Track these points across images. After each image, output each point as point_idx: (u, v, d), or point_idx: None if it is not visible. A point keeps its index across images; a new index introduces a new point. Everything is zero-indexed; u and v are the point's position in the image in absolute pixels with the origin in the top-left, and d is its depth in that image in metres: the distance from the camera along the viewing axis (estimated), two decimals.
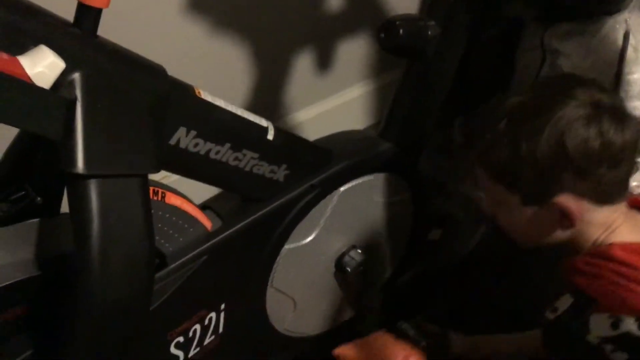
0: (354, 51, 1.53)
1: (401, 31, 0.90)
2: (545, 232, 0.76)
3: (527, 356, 0.89)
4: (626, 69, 1.29)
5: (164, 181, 0.87)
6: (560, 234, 0.75)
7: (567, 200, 0.71)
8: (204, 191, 0.91)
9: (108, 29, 0.67)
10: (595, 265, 0.72)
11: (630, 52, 1.29)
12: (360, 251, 1.00)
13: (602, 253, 0.72)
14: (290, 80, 1.47)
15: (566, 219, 0.72)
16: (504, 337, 0.95)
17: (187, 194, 0.85)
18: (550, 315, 0.74)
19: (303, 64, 1.47)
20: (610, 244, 0.73)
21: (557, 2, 1.32)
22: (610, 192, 0.73)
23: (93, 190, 0.63)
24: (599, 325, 0.69)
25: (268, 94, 1.46)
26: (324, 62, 1.51)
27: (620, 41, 1.29)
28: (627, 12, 1.28)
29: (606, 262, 0.71)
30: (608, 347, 0.68)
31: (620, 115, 0.72)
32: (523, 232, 0.78)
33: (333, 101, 1.59)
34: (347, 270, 0.99)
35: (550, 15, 1.34)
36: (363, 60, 1.59)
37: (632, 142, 0.72)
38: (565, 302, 0.73)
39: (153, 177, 0.81)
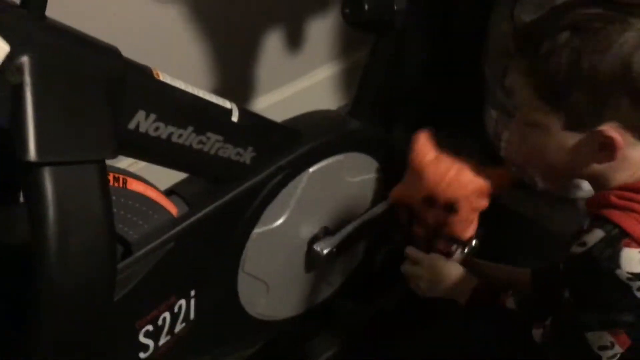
0: (322, 30, 1.51)
1: (366, 5, 0.88)
2: (578, 163, 0.72)
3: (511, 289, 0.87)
4: None
5: (131, 169, 0.85)
6: (593, 168, 0.71)
7: (613, 130, 0.68)
8: (171, 177, 0.89)
9: (57, 9, 0.65)
10: (630, 199, 0.70)
11: None
12: (332, 232, 0.99)
13: (638, 188, 0.70)
14: (257, 62, 1.44)
15: (607, 150, 0.69)
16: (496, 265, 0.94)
17: (153, 180, 0.83)
18: (578, 249, 0.70)
19: (269, 45, 1.44)
20: None
21: None
22: None
23: (47, 178, 0.61)
24: (629, 260, 0.67)
25: (233, 76, 1.43)
26: (291, 42, 1.48)
27: None
28: None
29: None
30: (636, 284, 0.67)
31: None
32: (552, 161, 0.73)
33: (302, 83, 1.57)
34: (320, 251, 0.98)
35: None
36: (332, 39, 1.56)
37: None
38: (595, 236, 0.69)
39: (117, 164, 0.79)
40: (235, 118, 0.82)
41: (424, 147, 0.90)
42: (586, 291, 0.71)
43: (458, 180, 0.89)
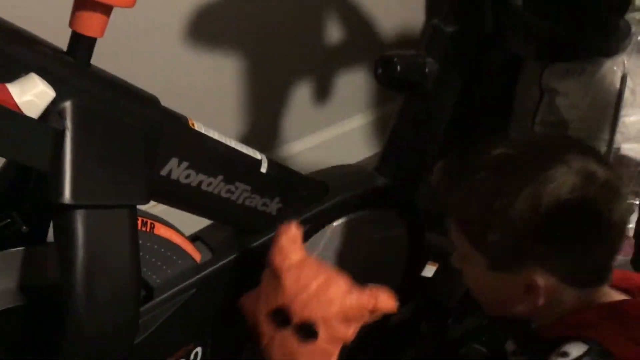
0: (353, 82, 1.54)
1: (399, 67, 0.89)
2: (508, 302, 0.70)
3: None
4: (623, 111, 1.30)
5: (152, 210, 0.86)
6: (524, 308, 0.69)
7: (535, 274, 0.65)
8: (196, 221, 0.90)
9: (102, 58, 0.67)
10: (608, 318, 0.66)
11: (627, 94, 1.29)
12: None
13: (614, 308, 0.67)
14: (287, 110, 1.47)
15: (531, 294, 0.66)
16: None
17: (178, 223, 0.84)
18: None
19: (301, 93, 1.47)
20: (622, 301, 0.67)
21: (555, 42, 1.33)
22: (585, 274, 0.67)
23: (79, 220, 0.62)
24: None
25: (264, 123, 1.46)
26: (322, 92, 1.51)
27: (617, 83, 1.29)
28: (624, 54, 1.29)
29: (620, 317, 0.66)
30: None
31: (613, 192, 0.66)
32: (486, 296, 0.73)
33: (330, 132, 1.59)
34: None
35: (548, 54, 1.35)
36: (362, 91, 1.59)
37: (619, 224, 0.66)
38: (577, 349, 0.64)
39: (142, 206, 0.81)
40: (264, 169, 0.83)
41: (288, 245, 0.72)
42: None
43: (323, 295, 0.70)
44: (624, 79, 1.29)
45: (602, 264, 0.69)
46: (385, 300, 0.74)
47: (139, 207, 0.70)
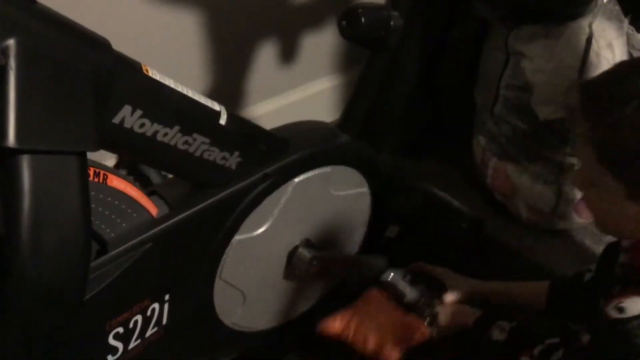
0: (321, 43, 1.51)
1: (363, 19, 0.87)
2: (633, 228, 0.69)
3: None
4: (588, 74, 1.30)
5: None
6: None
7: None
8: None
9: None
10: None
11: (592, 56, 1.29)
12: (314, 245, 0.98)
13: None
14: (253, 70, 1.44)
15: None
16: (508, 286, 0.88)
17: None
18: (613, 313, 0.66)
19: (266, 54, 1.44)
20: None
21: (521, 5, 1.32)
22: None
23: (25, 166, 0.59)
24: None
25: (228, 82, 1.42)
26: (288, 53, 1.48)
27: (582, 45, 1.29)
28: (590, 17, 1.29)
29: None
30: None
31: None
32: (611, 221, 0.72)
33: (296, 94, 1.56)
34: (299, 264, 0.97)
35: (515, 17, 1.34)
36: (330, 53, 1.57)
37: None
38: (635, 305, 0.66)
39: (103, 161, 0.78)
40: (223, 121, 0.81)
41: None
42: (605, 356, 0.68)
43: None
44: (589, 42, 1.29)
45: None
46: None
47: (95, 157, 0.67)
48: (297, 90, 1.56)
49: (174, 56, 1.26)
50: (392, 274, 0.88)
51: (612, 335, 0.67)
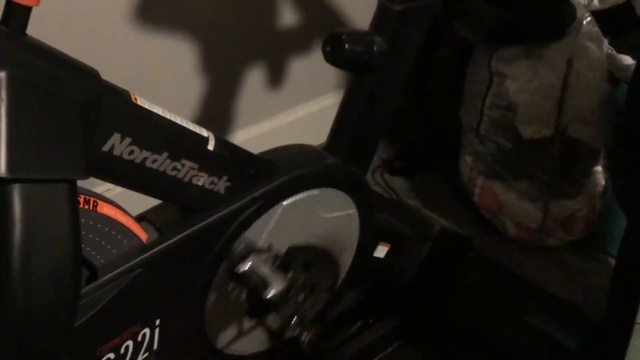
0: (308, 66, 1.53)
1: (346, 45, 0.89)
2: None
3: None
4: (569, 94, 1.33)
5: (107, 195, 0.84)
6: None
7: None
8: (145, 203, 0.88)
9: (40, 29, 0.65)
10: None
11: (572, 77, 1.32)
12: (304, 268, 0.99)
13: None
14: (241, 94, 1.46)
15: None
16: None
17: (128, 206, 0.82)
18: None
19: (252, 79, 1.46)
20: None
21: (504, 27, 1.35)
22: None
23: (15, 194, 0.60)
24: None
25: (217, 107, 1.44)
26: (276, 76, 1.50)
27: (564, 66, 1.32)
28: (570, 37, 1.32)
29: None
30: None
31: None
32: None
33: (285, 117, 1.58)
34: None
35: (497, 39, 1.38)
36: (318, 76, 1.59)
37: None
38: None
39: (94, 189, 0.79)
40: (211, 147, 0.82)
41: None
42: None
43: None
44: (570, 62, 1.32)
45: None
46: None
47: (85, 185, 0.68)
48: (285, 113, 1.58)
49: (163, 83, 1.28)
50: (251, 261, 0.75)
51: None
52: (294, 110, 1.59)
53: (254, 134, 1.52)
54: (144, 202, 0.84)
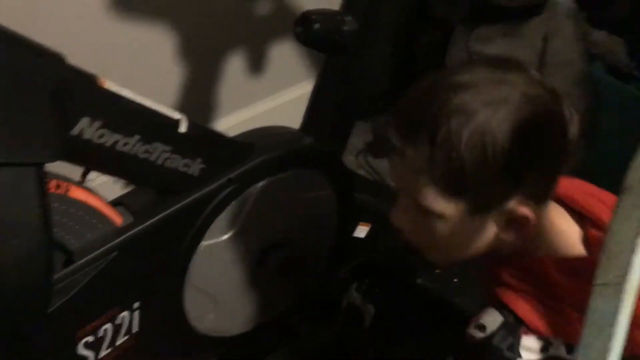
0: (288, 53, 1.53)
1: (316, 25, 0.90)
2: (486, 241, 0.67)
3: None
4: (546, 70, 1.33)
5: (92, 184, 0.85)
6: (503, 242, 0.67)
7: (519, 205, 0.64)
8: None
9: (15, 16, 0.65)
10: (522, 279, 0.67)
11: (548, 54, 1.33)
12: (283, 248, 0.99)
13: (532, 266, 0.67)
14: (222, 82, 1.46)
15: (516, 225, 0.65)
16: None
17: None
18: (477, 334, 0.66)
19: (233, 66, 1.46)
20: (542, 257, 0.67)
21: (479, 5, 1.35)
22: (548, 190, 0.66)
23: None
24: (529, 349, 0.64)
25: (198, 95, 1.44)
26: (257, 63, 1.50)
27: (539, 44, 1.33)
28: (546, 15, 1.32)
29: (536, 277, 0.66)
30: None
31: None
32: (452, 244, 0.69)
33: (266, 104, 1.58)
34: (269, 267, 0.98)
35: (474, 18, 1.38)
36: (297, 62, 1.59)
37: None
38: (494, 321, 0.65)
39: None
40: (183, 129, 0.82)
41: None
42: None
43: None
44: (545, 39, 1.32)
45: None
46: None
47: (57, 171, 0.69)
48: (266, 100, 1.58)
49: (142, 71, 1.28)
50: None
51: (482, 353, 0.66)
52: (275, 97, 1.59)
53: (235, 122, 1.52)
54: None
